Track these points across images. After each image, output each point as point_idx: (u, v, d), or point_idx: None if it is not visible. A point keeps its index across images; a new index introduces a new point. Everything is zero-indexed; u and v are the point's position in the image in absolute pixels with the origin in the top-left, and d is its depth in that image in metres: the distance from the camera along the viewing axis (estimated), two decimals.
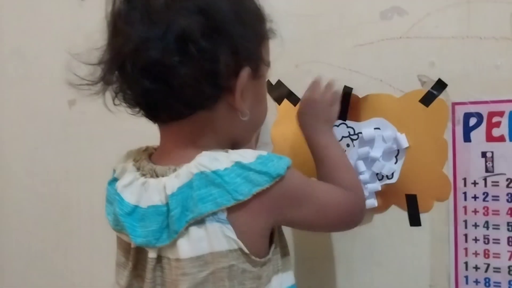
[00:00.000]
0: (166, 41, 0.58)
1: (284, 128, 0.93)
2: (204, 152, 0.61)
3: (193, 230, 0.60)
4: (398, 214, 0.85)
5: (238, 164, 0.60)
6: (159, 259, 0.63)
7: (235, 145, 0.68)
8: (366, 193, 0.85)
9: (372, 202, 0.86)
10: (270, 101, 0.93)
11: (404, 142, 0.84)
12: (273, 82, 0.93)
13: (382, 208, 0.86)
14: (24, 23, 1.24)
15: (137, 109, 0.66)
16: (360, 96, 0.87)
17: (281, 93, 0.93)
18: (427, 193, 0.84)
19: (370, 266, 0.88)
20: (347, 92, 0.87)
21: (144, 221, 0.62)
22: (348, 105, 0.87)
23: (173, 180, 0.61)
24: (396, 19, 0.85)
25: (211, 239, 0.60)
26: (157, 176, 0.63)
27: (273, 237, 0.66)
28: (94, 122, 1.14)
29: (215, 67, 0.59)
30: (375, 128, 0.86)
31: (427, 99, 0.83)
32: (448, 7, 0.81)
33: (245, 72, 0.62)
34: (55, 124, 1.20)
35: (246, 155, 0.61)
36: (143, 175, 0.65)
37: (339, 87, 0.87)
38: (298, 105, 0.84)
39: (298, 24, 0.92)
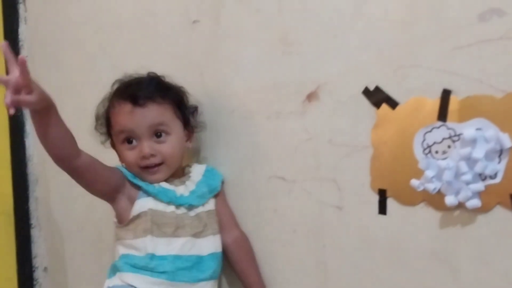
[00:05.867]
0: None
1: (383, 131, 0.96)
2: None
3: None
4: (504, 214, 0.85)
5: None
6: None
7: None
8: (469, 193, 0.86)
9: (475, 203, 0.86)
10: (363, 107, 0.98)
11: (508, 141, 0.84)
12: (371, 87, 0.97)
13: (486, 208, 0.86)
14: (143, 47, 1.34)
15: None
16: (459, 98, 0.88)
17: (379, 98, 0.96)
18: None
19: (477, 266, 0.88)
20: (446, 94, 0.88)
21: None
22: (447, 106, 0.89)
23: None
24: (495, 20, 0.85)
25: None
26: None
27: None
28: None
29: None
30: (476, 129, 0.86)
31: None
32: None
33: None
34: None
35: None
36: None
37: (438, 90, 0.89)
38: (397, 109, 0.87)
39: (395, 30, 0.94)
